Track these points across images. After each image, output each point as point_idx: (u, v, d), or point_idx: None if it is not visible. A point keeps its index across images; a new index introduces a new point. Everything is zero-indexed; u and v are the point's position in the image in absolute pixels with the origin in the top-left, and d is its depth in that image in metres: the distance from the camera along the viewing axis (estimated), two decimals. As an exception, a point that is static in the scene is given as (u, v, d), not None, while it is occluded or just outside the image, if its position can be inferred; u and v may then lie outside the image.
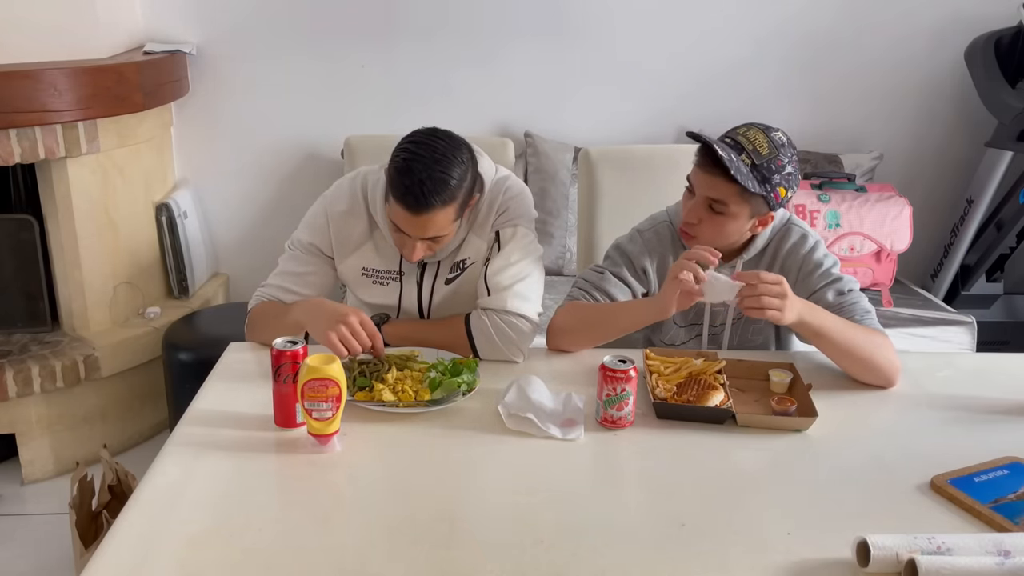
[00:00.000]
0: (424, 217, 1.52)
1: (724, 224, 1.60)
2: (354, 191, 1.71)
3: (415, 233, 1.55)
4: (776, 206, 1.59)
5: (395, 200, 1.52)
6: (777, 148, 1.56)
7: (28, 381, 2.40)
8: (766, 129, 1.58)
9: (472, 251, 1.72)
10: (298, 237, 1.74)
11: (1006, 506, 1.19)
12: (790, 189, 1.59)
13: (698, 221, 1.61)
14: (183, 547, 1.08)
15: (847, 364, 1.57)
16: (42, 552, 2.20)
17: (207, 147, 3.04)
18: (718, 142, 1.56)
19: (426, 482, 1.26)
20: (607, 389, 1.38)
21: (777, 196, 1.57)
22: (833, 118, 3.08)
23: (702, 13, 2.96)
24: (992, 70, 2.78)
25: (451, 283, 1.74)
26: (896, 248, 2.70)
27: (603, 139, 3.00)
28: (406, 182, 1.49)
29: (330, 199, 1.72)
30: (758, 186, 1.54)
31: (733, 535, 1.14)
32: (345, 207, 1.70)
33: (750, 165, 1.55)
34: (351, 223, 1.70)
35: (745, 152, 1.56)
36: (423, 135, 1.55)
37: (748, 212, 1.59)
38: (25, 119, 2.28)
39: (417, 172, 1.49)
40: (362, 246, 1.71)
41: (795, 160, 1.59)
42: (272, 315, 1.67)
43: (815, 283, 1.65)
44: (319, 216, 1.72)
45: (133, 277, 2.74)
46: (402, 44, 2.95)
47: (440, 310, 1.76)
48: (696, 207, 1.61)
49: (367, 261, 1.72)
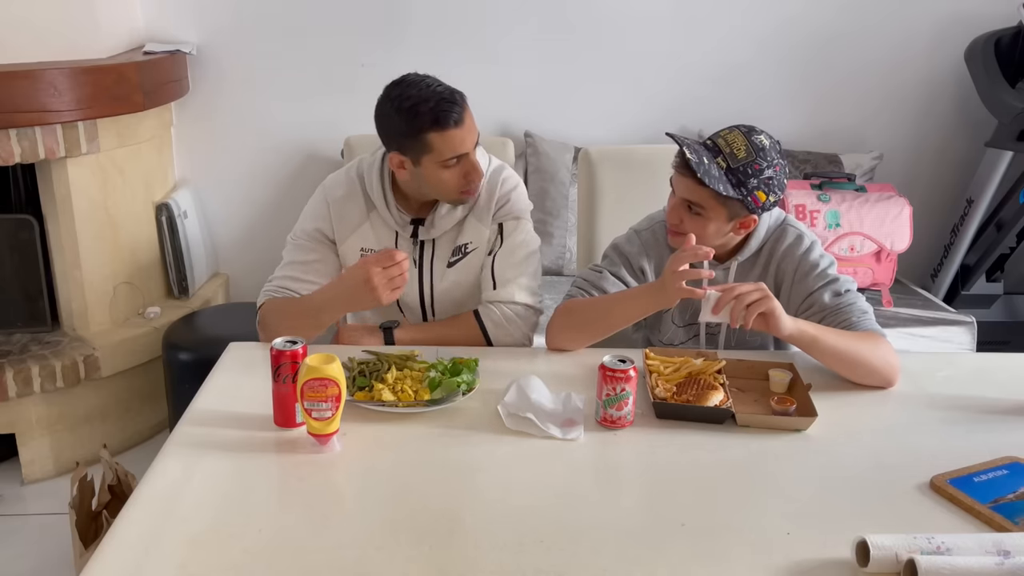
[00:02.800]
0: (467, 118, 1.59)
1: (704, 225, 1.60)
2: (350, 176, 1.76)
3: (469, 143, 1.61)
4: (757, 210, 1.59)
5: (439, 130, 1.56)
6: (756, 151, 1.55)
7: (28, 381, 2.40)
8: (748, 132, 1.57)
9: (473, 235, 1.76)
10: (300, 227, 1.78)
11: (1006, 506, 1.19)
12: (771, 193, 1.57)
13: (679, 222, 1.63)
14: (183, 547, 1.08)
15: (844, 371, 1.57)
16: (42, 552, 2.20)
17: (207, 147, 3.04)
18: (693, 144, 1.57)
19: (426, 482, 1.26)
20: (607, 389, 1.38)
21: (756, 200, 1.56)
22: (833, 118, 3.08)
23: (703, 13, 2.96)
24: (992, 70, 2.78)
25: (453, 266, 1.77)
26: (896, 248, 2.70)
27: (603, 139, 3.01)
28: (431, 106, 1.55)
29: (328, 186, 1.78)
30: (732, 190, 1.54)
31: (733, 535, 1.14)
32: (343, 192, 1.75)
33: (725, 168, 1.55)
34: (349, 206, 1.74)
35: (722, 155, 1.56)
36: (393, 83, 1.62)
37: (726, 215, 1.59)
38: (25, 119, 2.28)
39: (427, 95, 1.56)
40: (360, 226, 1.75)
41: (777, 164, 1.57)
42: (289, 309, 1.68)
43: (812, 284, 1.65)
44: (319, 203, 1.77)
45: (133, 277, 2.74)
46: (402, 44, 2.95)
47: (443, 299, 1.79)
48: (675, 208, 1.63)
49: (365, 241, 1.76)
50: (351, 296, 1.58)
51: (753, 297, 1.47)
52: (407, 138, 1.59)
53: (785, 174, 1.61)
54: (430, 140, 1.57)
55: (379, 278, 1.52)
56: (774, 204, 1.61)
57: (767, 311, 1.47)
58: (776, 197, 1.59)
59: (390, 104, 1.60)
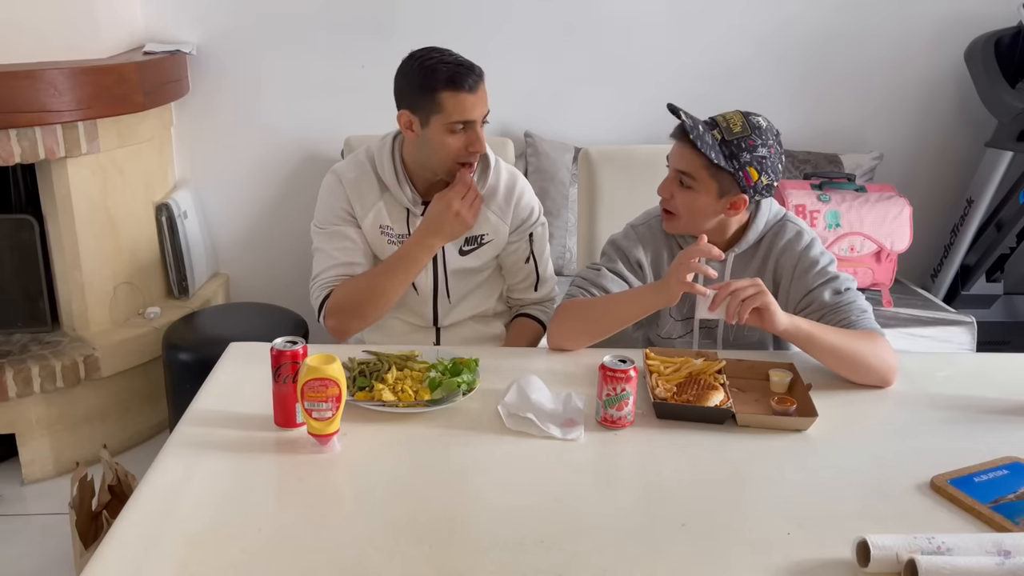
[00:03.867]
0: (480, 90, 1.64)
1: (694, 199, 1.61)
2: (359, 160, 1.81)
3: (478, 112, 1.65)
4: (748, 189, 1.59)
5: (452, 91, 1.61)
6: (752, 128, 1.57)
7: (28, 381, 2.40)
8: (746, 113, 1.60)
9: (489, 228, 1.82)
10: (323, 215, 1.82)
11: (1006, 506, 1.19)
12: (764, 174, 1.58)
13: (670, 196, 1.64)
14: (183, 547, 1.08)
15: (842, 369, 1.57)
16: (42, 552, 2.20)
17: (207, 147, 3.04)
18: (690, 115, 1.59)
19: (426, 482, 1.26)
20: (607, 389, 1.38)
21: (748, 177, 1.57)
22: (833, 118, 3.09)
23: (703, 13, 2.96)
24: (992, 70, 2.78)
25: (466, 255, 1.83)
26: (896, 248, 2.70)
27: (603, 139, 3.01)
28: (451, 70, 1.60)
29: (339, 171, 1.82)
30: (724, 160, 1.56)
31: (733, 535, 1.14)
32: (354, 174, 1.80)
33: (719, 140, 1.57)
34: (362, 185, 1.79)
35: (718, 128, 1.58)
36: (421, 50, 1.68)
37: (716, 189, 1.59)
38: (25, 119, 2.27)
39: (448, 60, 1.62)
40: (376, 204, 1.79)
41: (772, 147, 1.59)
42: (368, 279, 1.76)
43: (811, 281, 1.65)
44: (335, 186, 1.81)
45: (133, 277, 2.74)
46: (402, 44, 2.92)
47: (456, 281, 1.86)
48: (667, 182, 1.66)
49: (382, 219, 1.80)
50: (437, 231, 1.71)
51: (748, 292, 1.48)
52: (421, 95, 1.64)
53: (780, 161, 1.61)
54: (442, 99, 1.62)
55: (460, 204, 1.68)
56: (767, 188, 1.61)
57: (761, 306, 1.48)
58: (769, 180, 1.60)
59: (412, 61, 1.67)
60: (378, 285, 1.75)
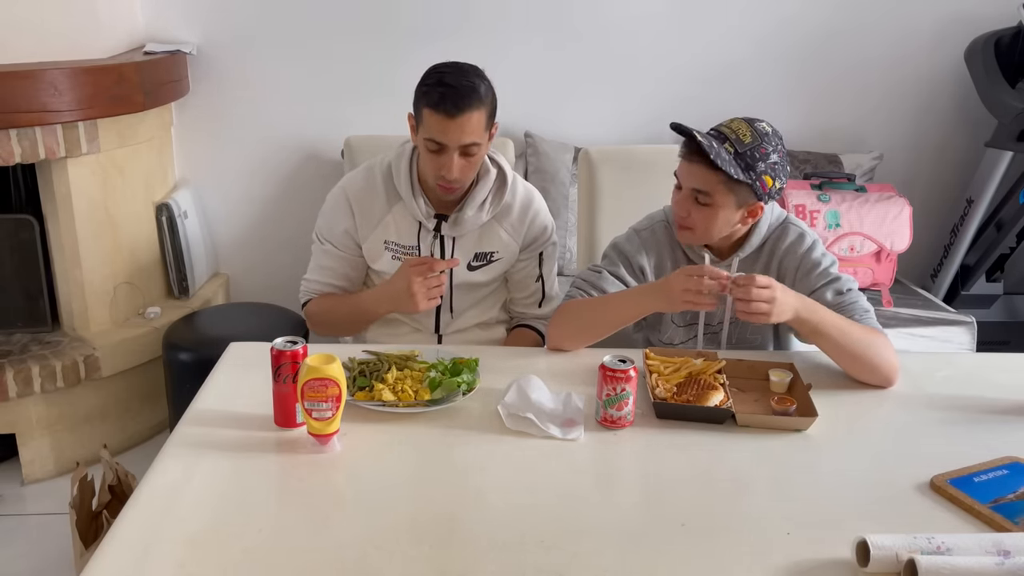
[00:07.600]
0: (461, 119, 1.60)
1: (714, 215, 1.60)
2: (370, 172, 1.81)
3: (453, 140, 1.62)
4: (764, 196, 1.59)
5: (432, 110, 1.61)
6: (760, 137, 1.56)
7: (28, 381, 2.40)
8: (749, 120, 1.59)
9: (499, 246, 1.83)
10: (324, 230, 1.84)
11: (1006, 506, 1.19)
12: (777, 179, 1.58)
13: (687, 214, 1.62)
14: (183, 547, 1.08)
15: (846, 362, 1.57)
16: (42, 552, 2.20)
17: (207, 147, 3.04)
18: (702, 133, 1.57)
19: (426, 482, 1.26)
20: (607, 389, 1.38)
21: (764, 185, 1.57)
22: (833, 118, 3.08)
23: (702, 13, 2.96)
24: (992, 70, 2.78)
25: (474, 271, 1.83)
26: (896, 248, 2.70)
27: (603, 139, 3.00)
28: (440, 90, 1.60)
29: (346, 183, 1.83)
30: (742, 174, 1.55)
31: (733, 535, 1.14)
32: (363, 186, 1.80)
33: (733, 153, 1.56)
34: (370, 199, 1.79)
35: (728, 141, 1.57)
36: (446, 63, 1.67)
37: (734, 202, 1.59)
38: (25, 119, 2.27)
39: (449, 81, 1.60)
40: (383, 219, 1.80)
41: (781, 150, 1.59)
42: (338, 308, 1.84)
43: (813, 282, 1.65)
44: (340, 201, 1.81)
45: (133, 277, 2.74)
46: (402, 44, 2.94)
47: (461, 298, 1.86)
48: (683, 201, 1.63)
49: (388, 234, 1.81)
50: (393, 301, 1.74)
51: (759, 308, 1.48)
52: (416, 104, 1.67)
53: (787, 162, 1.61)
54: (424, 115, 1.64)
55: (418, 287, 1.67)
56: (779, 192, 1.61)
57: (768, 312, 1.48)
58: (781, 184, 1.60)
59: (431, 67, 1.68)
60: (346, 316, 1.85)
